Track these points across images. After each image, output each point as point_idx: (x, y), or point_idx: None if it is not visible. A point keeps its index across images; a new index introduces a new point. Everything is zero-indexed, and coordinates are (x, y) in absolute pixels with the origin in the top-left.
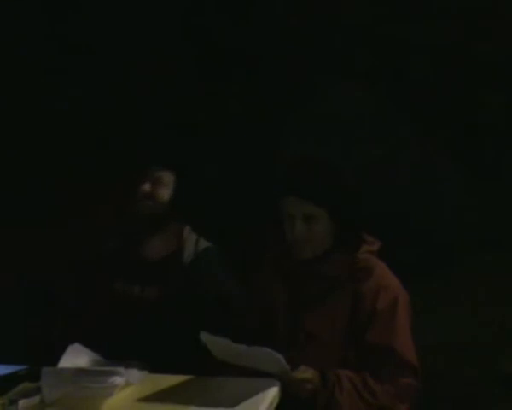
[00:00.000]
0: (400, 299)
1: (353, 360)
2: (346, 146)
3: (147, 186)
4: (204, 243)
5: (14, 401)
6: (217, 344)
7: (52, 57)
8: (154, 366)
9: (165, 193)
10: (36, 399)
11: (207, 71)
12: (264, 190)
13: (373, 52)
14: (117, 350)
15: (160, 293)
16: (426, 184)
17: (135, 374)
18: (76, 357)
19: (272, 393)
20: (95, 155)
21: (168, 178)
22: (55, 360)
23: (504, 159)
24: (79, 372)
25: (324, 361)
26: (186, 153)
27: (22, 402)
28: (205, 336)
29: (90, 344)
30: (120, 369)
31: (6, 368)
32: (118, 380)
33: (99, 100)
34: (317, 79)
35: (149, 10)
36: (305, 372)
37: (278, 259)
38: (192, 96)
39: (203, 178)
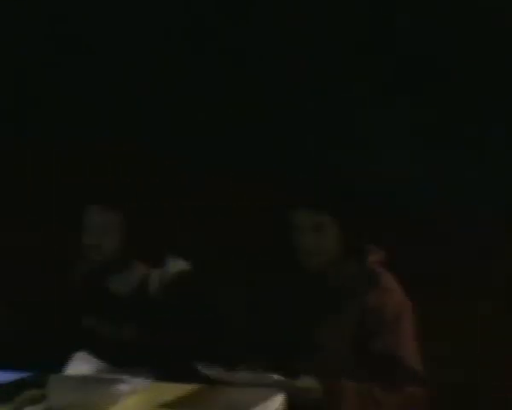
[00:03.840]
0: (405, 307)
1: (359, 370)
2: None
3: (90, 239)
4: (174, 268)
5: (19, 409)
6: (215, 374)
7: (51, 57)
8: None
9: (109, 241)
10: (42, 406)
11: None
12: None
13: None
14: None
15: (135, 332)
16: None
17: (140, 382)
18: (82, 364)
19: (277, 402)
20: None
21: (114, 223)
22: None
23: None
24: (86, 380)
25: (330, 371)
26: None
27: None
28: (203, 369)
29: None
30: (126, 377)
31: (10, 375)
32: (124, 388)
33: (99, 100)
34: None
35: (150, 9)
36: (307, 382)
37: (285, 267)
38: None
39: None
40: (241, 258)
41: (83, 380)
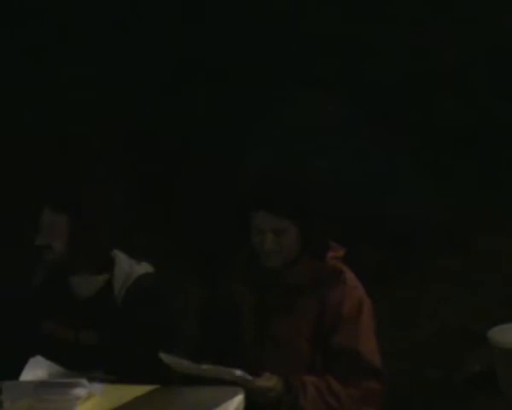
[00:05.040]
0: (365, 303)
1: (319, 365)
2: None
3: (42, 239)
4: (138, 270)
5: None
6: (178, 363)
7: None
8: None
9: (59, 243)
10: None
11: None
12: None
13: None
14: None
15: (96, 336)
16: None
17: (98, 386)
18: (38, 369)
19: (237, 401)
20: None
21: (62, 225)
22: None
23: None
24: (41, 385)
25: (290, 367)
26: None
27: None
28: (165, 358)
29: None
30: (83, 381)
31: None
32: (80, 392)
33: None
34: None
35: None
36: (269, 380)
37: (246, 265)
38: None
39: None
40: (201, 256)
41: (39, 385)
